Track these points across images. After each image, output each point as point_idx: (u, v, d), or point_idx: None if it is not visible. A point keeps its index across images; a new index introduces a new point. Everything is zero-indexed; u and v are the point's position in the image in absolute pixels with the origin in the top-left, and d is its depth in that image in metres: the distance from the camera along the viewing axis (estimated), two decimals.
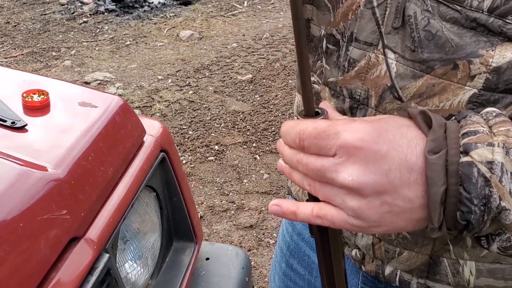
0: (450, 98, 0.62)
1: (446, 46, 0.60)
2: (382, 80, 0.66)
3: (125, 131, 1.00)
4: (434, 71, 0.61)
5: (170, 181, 1.12)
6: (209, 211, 2.77)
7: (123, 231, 1.02)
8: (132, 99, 3.71)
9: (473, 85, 0.60)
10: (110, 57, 4.34)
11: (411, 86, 0.64)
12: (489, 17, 0.56)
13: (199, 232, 1.24)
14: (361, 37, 0.66)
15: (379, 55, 0.65)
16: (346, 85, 0.70)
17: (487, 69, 0.58)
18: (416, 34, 0.61)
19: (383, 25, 0.64)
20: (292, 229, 1.01)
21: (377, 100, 0.67)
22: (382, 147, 0.50)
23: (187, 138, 3.32)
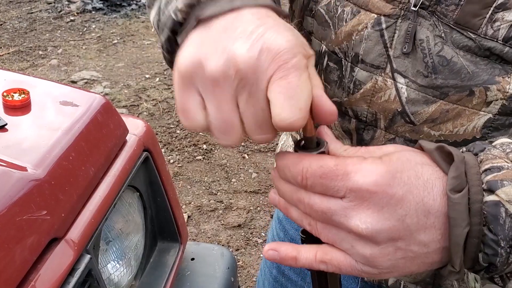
0: (464, 123, 0.60)
1: (462, 73, 0.58)
2: (391, 105, 0.64)
3: (107, 130, 0.99)
4: (449, 97, 0.60)
5: (154, 180, 1.10)
6: (197, 211, 2.76)
7: (106, 231, 1.00)
8: (119, 98, 3.69)
9: (489, 111, 0.59)
10: (97, 56, 4.31)
11: (423, 111, 0.62)
12: (504, 46, 0.55)
13: (184, 232, 1.23)
14: (368, 59, 0.64)
15: (387, 79, 0.63)
16: (352, 106, 0.68)
17: (504, 96, 0.57)
18: (429, 59, 0.59)
19: (391, 48, 0.62)
20: (284, 234, 0.99)
21: (387, 123, 0.65)
22: (398, 191, 0.46)
23: (175, 137, 3.30)
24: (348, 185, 0.46)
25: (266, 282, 1.06)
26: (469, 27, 0.56)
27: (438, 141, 0.62)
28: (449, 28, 0.58)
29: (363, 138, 0.69)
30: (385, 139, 0.67)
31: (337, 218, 0.47)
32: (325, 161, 0.47)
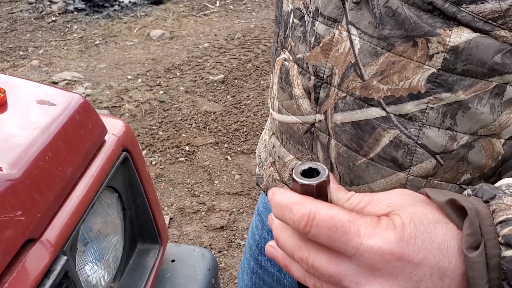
0: (410, 76, 0.61)
1: (406, 23, 0.59)
2: (346, 57, 0.65)
3: (85, 130, 0.97)
4: (395, 48, 0.61)
5: (133, 181, 1.09)
6: (179, 213, 2.74)
7: (83, 232, 0.99)
8: (101, 99, 3.65)
9: (432, 65, 0.59)
10: (79, 57, 4.26)
11: (373, 63, 0.63)
12: (445, 2, 0.56)
13: (164, 234, 1.22)
14: (326, 12, 0.66)
15: (343, 32, 0.65)
16: (312, 61, 0.69)
17: (444, 49, 0.58)
18: (377, 10, 0.61)
19: (347, 1, 0.64)
20: (262, 226, 0.99)
21: (340, 78, 0.66)
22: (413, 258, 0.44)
23: (157, 138, 3.28)
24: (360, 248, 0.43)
25: (245, 274, 1.06)
26: None
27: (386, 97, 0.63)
28: None
29: (319, 96, 0.70)
30: (337, 97, 0.68)
31: (347, 284, 0.44)
32: (336, 212, 0.43)
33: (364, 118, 0.66)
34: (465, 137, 0.63)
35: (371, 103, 0.65)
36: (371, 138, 0.67)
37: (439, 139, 0.63)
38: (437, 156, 0.64)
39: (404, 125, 0.64)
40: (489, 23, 0.55)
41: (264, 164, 0.91)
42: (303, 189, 0.44)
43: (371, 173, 0.69)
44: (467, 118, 0.61)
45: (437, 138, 0.63)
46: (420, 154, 0.65)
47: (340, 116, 0.68)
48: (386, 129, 0.65)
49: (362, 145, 0.68)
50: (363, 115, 0.66)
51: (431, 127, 0.63)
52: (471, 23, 0.56)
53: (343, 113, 0.68)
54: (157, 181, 2.95)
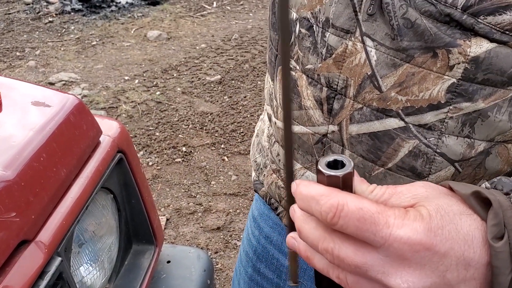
0: (429, 87, 0.61)
1: (425, 35, 0.59)
2: (361, 69, 0.64)
3: (80, 131, 0.97)
4: (414, 59, 0.60)
5: (128, 182, 1.09)
6: (175, 214, 2.74)
7: (78, 234, 0.99)
8: (98, 100, 3.65)
9: (452, 75, 0.59)
10: (76, 58, 4.26)
11: (391, 75, 0.62)
12: (463, 14, 0.56)
13: (160, 235, 1.22)
14: (338, 23, 0.65)
15: (357, 43, 0.64)
16: (324, 73, 0.68)
17: (465, 59, 0.58)
18: (395, 21, 0.60)
19: (360, 12, 0.63)
20: (259, 232, 0.99)
21: (356, 90, 0.66)
22: (440, 249, 0.45)
23: (154, 139, 3.28)
24: (389, 238, 0.44)
25: (242, 281, 1.06)
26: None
27: (405, 108, 0.63)
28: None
29: (332, 108, 0.69)
30: (353, 109, 0.67)
31: (374, 274, 0.45)
32: (365, 203, 0.44)
33: (382, 129, 0.65)
34: (482, 144, 0.63)
35: (389, 114, 0.64)
36: (389, 148, 0.66)
37: (457, 147, 0.64)
38: (455, 164, 0.65)
39: (423, 135, 0.64)
40: (506, 34, 0.56)
41: (264, 171, 0.90)
42: (329, 180, 0.43)
43: (388, 182, 0.69)
44: (486, 126, 0.62)
45: (455, 146, 0.64)
46: (439, 163, 0.65)
47: (356, 127, 0.68)
48: (405, 139, 0.65)
49: (380, 155, 0.67)
50: (381, 126, 0.65)
51: (450, 136, 0.63)
52: (488, 34, 0.56)
53: (359, 124, 0.67)
54: (153, 182, 2.95)
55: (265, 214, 0.97)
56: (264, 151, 0.91)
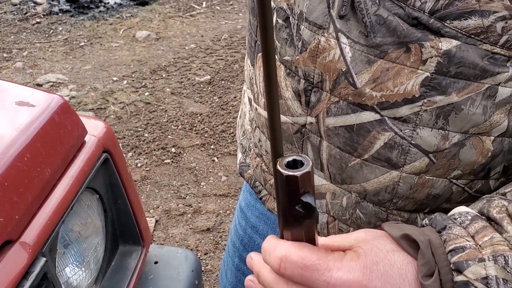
0: (404, 82, 0.62)
1: (398, 30, 0.60)
2: (336, 65, 0.65)
3: (65, 131, 0.97)
4: (388, 55, 0.61)
5: (114, 183, 1.08)
6: (165, 215, 2.73)
7: (63, 234, 0.98)
8: (86, 101, 3.63)
9: (426, 69, 0.60)
10: (64, 59, 4.24)
11: (366, 71, 0.63)
12: (430, 18, 0.57)
13: (147, 235, 1.21)
14: (311, 17, 0.65)
15: (331, 39, 0.64)
16: (301, 66, 0.68)
17: (438, 53, 0.59)
18: (367, 19, 0.61)
19: (333, 9, 0.63)
20: (245, 222, 0.99)
21: (331, 84, 0.66)
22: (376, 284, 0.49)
23: (143, 140, 3.26)
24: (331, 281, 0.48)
25: (229, 272, 1.06)
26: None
27: (380, 103, 0.64)
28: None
29: (310, 100, 0.69)
30: (329, 102, 0.68)
31: None
32: (306, 253, 0.48)
33: (358, 122, 0.66)
34: (456, 136, 0.64)
35: (365, 108, 0.65)
36: (365, 141, 0.67)
37: (432, 139, 0.64)
38: (430, 155, 0.66)
39: (398, 127, 0.65)
40: (472, 37, 0.57)
41: (249, 153, 0.90)
42: (288, 179, 0.44)
43: (364, 173, 0.70)
44: (460, 119, 0.62)
45: (430, 138, 0.64)
46: (414, 154, 0.66)
47: (333, 120, 0.68)
48: (381, 132, 0.66)
49: (356, 147, 0.68)
50: (357, 119, 0.66)
51: (424, 128, 0.64)
52: (454, 37, 0.57)
53: (336, 117, 0.68)
54: (142, 184, 2.93)
55: (251, 204, 0.98)
56: (247, 134, 0.90)
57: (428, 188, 0.68)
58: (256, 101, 0.82)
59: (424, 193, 0.69)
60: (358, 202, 0.73)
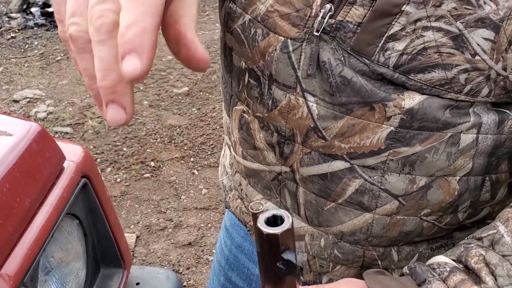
0: (370, 136, 0.64)
1: (362, 91, 0.62)
2: (304, 121, 0.67)
3: (43, 159, 0.97)
4: (353, 112, 0.64)
5: (94, 207, 1.09)
6: (145, 231, 2.72)
7: (44, 261, 0.98)
8: (64, 116, 3.61)
9: (390, 124, 0.63)
10: (40, 74, 4.21)
11: (333, 126, 0.66)
12: (394, 72, 0.60)
13: (128, 257, 1.22)
14: (280, 79, 0.67)
15: (299, 98, 0.67)
16: (272, 122, 0.71)
17: (400, 111, 0.61)
18: (332, 79, 0.63)
19: (299, 69, 0.65)
20: (230, 242, 1.01)
21: (302, 138, 0.69)
22: None
23: (122, 155, 3.25)
24: None
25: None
26: (364, 53, 0.60)
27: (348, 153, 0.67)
28: (347, 53, 0.61)
29: (283, 151, 0.72)
30: (302, 153, 0.70)
31: None
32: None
33: (330, 170, 0.69)
34: (423, 179, 0.67)
35: (335, 157, 0.68)
36: (338, 187, 0.70)
37: (400, 184, 0.67)
38: (399, 198, 0.68)
39: (367, 174, 0.67)
40: (436, 88, 0.59)
41: (230, 194, 0.92)
42: (268, 237, 0.44)
43: (339, 215, 0.72)
44: (425, 165, 0.65)
45: (398, 183, 0.67)
46: (384, 198, 0.69)
47: (307, 170, 0.71)
48: (352, 179, 0.68)
49: (330, 193, 0.71)
50: (329, 168, 0.69)
51: (392, 174, 0.67)
52: (419, 90, 0.60)
53: (309, 167, 0.70)
54: (122, 199, 2.92)
55: (236, 224, 1.00)
56: (228, 175, 0.92)
57: (400, 226, 0.71)
58: (234, 150, 0.84)
59: (397, 231, 0.72)
60: (335, 242, 0.76)
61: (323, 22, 0.61)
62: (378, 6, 0.58)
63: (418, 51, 0.58)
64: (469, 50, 0.57)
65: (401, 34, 0.58)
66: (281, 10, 0.64)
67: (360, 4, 0.59)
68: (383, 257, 0.75)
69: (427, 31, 0.57)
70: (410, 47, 0.58)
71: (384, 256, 0.75)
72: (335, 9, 0.61)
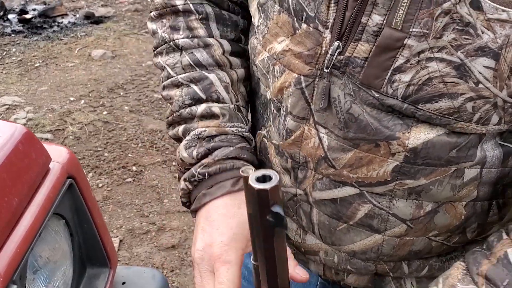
0: (376, 168, 0.68)
1: (368, 129, 0.66)
2: (316, 151, 0.72)
3: (29, 160, 0.99)
4: (360, 146, 0.68)
5: (80, 207, 1.11)
6: (129, 235, 2.73)
7: (32, 260, 1.00)
8: (44, 123, 3.60)
9: (395, 159, 0.67)
10: (19, 80, 4.18)
11: (341, 158, 0.70)
12: (403, 103, 0.63)
13: (113, 257, 1.23)
14: (294, 111, 0.72)
15: (312, 129, 0.71)
16: (286, 149, 0.75)
17: (404, 149, 0.65)
18: (341, 115, 0.67)
19: (312, 103, 0.69)
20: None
21: (314, 165, 0.73)
22: None
23: (103, 160, 3.25)
24: None
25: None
26: (372, 86, 0.64)
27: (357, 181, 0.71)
28: (357, 87, 0.65)
29: (297, 176, 0.76)
30: (315, 178, 0.74)
31: None
32: None
33: (341, 196, 0.73)
34: (430, 205, 0.71)
35: (345, 184, 0.72)
36: (348, 211, 0.74)
37: (407, 209, 0.71)
38: (407, 222, 0.73)
39: (376, 200, 0.72)
40: (446, 118, 0.62)
41: None
42: (259, 193, 0.48)
43: (351, 236, 0.77)
44: (430, 195, 0.70)
45: (405, 208, 0.71)
46: (393, 222, 0.73)
47: (319, 194, 0.75)
48: (361, 204, 0.73)
49: (341, 216, 0.75)
50: (340, 193, 0.73)
51: (399, 199, 0.71)
52: (428, 120, 0.63)
53: (321, 191, 0.75)
54: (104, 204, 2.93)
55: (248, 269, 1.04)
56: None
57: (409, 246, 0.76)
58: None
59: (406, 250, 0.76)
60: (348, 259, 0.80)
61: (332, 59, 0.66)
62: (381, 41, 0.62)
63: (424, 81, 0.61)
64: (472, 78, 0.59)
65: (406, 66, 0.61)
66: (294, 49, 0.69)
67: (365, 40, 0.63)
68: (395, 270, 0.79)
69: (431, 62, 0.60)
70: (416, 78, 0.61)
71: (395, 269, 0.79)
72: (343, 46, 0.65)
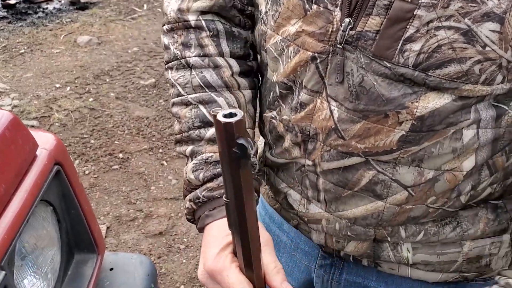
0: (383, 138, 0.73)
1: (378, 100, 0.71)
2: (327, 123, 0.77)
3: (16, 146, 0.99)
4: (369, 118, 0.72)
5: (67, 193, 1.11)
6: (116, 221, 2.73)
7: (20, 247, 1.00)
8: (29, 109, 3.57)
9: (402, 129, 0.71)
10: (4, 67, 4.14)
11: (351, 129, 0.75)
12: (414, 71, 0.67)
13: (101, 243, 1.24)
14: (309, 85, 0.77)
15: (324, 102, 0.76)
16: (297, 123, 0.80)
17: (412, 117, 0.70)
18: (353, 89, 0.72)
19: (325, 77, 0.74)
20: (264, 212, 1.08)
21: (324, 137, 0.78)
22: None
23: (89, 147, 3.24)
24: None
25: None
26: (384, 57, 0.68)
27: (364, 152, 0.76)
28: (369, 59, 0.69)
29: (307, 148, 0.81)
30: (323, 150, 0.79)
31: None
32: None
33: (347, 164, 0.79)
34: (431, 173, 0.75)
35: (352, 154, 0.77)
36: (354, 178, 0.79)
37: (409, 175, 0.76)
38: (408, 188, 0.77)
39: (380, 166, 0.77)
40: (455, 81, 0.67)
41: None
42: (225, 126, 0.52)
43: (355, 200, 0.82)
44: (432, 159, 0.74)
45: (407, 174, 0.76)
46: (395, 187, 0.78)
47: (327, 164, 0.80)
48: (366, 170, 0.78)
49: (347, 183, 0.80)
50: (346, 162, 0.78)
51: (402, 166, 0.75)
52: (439, 85, 0.67)
53: (329, 162, 0.80)
54: (91, 191, 2.92)
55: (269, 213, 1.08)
56: None
57: (408, 213, 0.81)
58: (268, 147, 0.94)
59: (405, 216, 0.81)
60: (348, 226, 0.85)
61: (344, 35, 0.70)
62: (392, 14, 0.66)
63: (434, 49, 0.65)
64: (479, 42, 0.64)
65: (416, 36, 0.66)
66: (307, 29, 0.74)
67: (376, 14, 0.67)
68: (392, 234, 0.84)
69: (439, 30, 0.64)
70: (426, 46, 0.65)
71: (393, 234, 0.84)
72: (354, 22, 0.69)
